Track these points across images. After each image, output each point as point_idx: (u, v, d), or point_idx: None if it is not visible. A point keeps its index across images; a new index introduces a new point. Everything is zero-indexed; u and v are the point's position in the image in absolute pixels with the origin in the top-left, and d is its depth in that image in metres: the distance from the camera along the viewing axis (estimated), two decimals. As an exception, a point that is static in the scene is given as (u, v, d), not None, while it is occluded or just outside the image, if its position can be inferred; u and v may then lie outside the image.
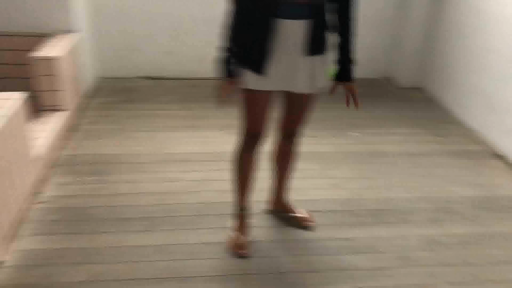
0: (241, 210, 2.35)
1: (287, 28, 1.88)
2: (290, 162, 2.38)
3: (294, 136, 2.27)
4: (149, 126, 3.44)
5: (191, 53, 4.28)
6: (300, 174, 2.82)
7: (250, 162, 2.22)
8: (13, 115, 2.29)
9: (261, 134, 2.14)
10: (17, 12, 3.43)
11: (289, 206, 2.54)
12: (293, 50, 1.92)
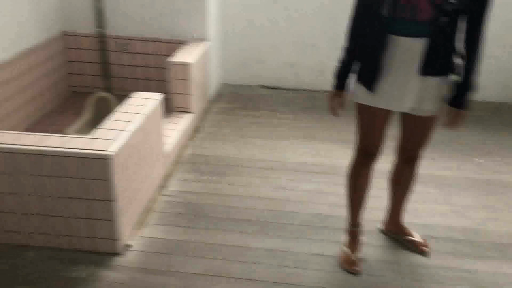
0: (353, 227, 2.34)
1: (404, 45, 1.82)
2: (408, 185, 2.31)
3: (413, 160, 2.20)
4: (266, 134, 3.55)
5: (312, 66, 4.33)
6: (417, 197, 2.72)
7: (363, 179, 2.21)
8: (152, 113, 2.52)
9: (374, 151, 2.12)
10: (161, 21, 3.77)
11: (404, 228, 2.46)
12: (408, 68, 1.85)
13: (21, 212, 2.19)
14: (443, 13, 1.75)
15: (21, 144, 2.07)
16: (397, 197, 2.38)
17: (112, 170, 2.06)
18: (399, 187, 2.33)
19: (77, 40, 3.90)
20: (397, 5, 1.78)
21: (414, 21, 1.78)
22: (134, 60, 3.92)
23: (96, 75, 4.00)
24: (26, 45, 3.38)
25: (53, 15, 3.72)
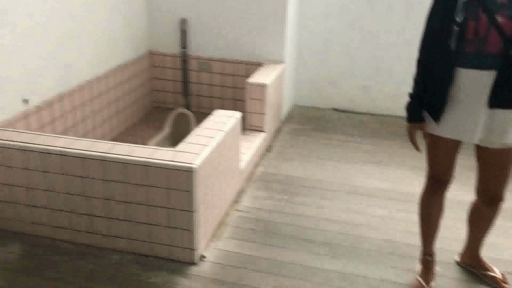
0: (426, 256, 2.29)
1: (472, 78, 1.84)
2: (488, 225, 2.23)
3: (495, 202, 2.11)
4: (337, 156, 3.56)
5: (386, 90, 4.31)
6: (499, 231, 2.62)
7: (434, 206, 2.19)
8: (231, 130, 2.63)
9: (444, 179, 2.11)
10: (241, 43, 3.93)
11: (482, 262, 2.36)
12: (475, 100, 1.85)
13: (108, 217, 2.36)
14: None
15: (113, 153, 2.25)
16: (476, 234, 2.30)
17: (195, 182, 2.17)
18: (478, 226, 2.26)
19: (162, 59, 4.15)
20: (464, 39, 1.80)
21: (482, 54, 1.80)
22: (212, 80, 4.10)
23: (177, 92, 4.22)
24: (117, 62, 3.66)
25: (141, 35, 4.00)
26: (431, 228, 2.23)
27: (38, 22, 2.75)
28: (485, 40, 1.78)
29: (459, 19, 1.80)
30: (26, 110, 2.73)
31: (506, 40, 1.74)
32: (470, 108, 1.88)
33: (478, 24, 1.77)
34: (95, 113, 3.41)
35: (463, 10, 1.79)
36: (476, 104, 1.86)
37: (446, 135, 1.98)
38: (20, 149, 2.32)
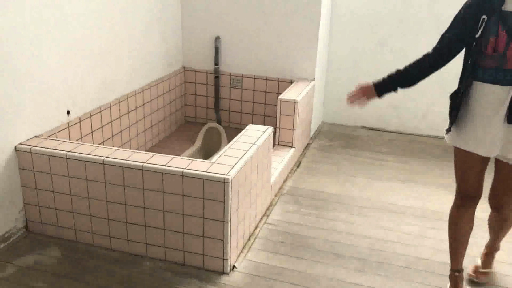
0: (454, 272, 2.29)
1: (491, 92, 1.90)
2: (501, 230, 2.30)
3: (501, 209, 2.19)
4: (366, 173, 3.59)
5: (415, 109, 4.32)
6: None
7: (462, 222, 2.20)
8: (263, 145, 2.70)
9: (472, 194, 2.13)
10: (272, 61, 4.03)
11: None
12: (495, 115, 1.91)
13: (143, 224, 2.45)
14: None
15: (151, 163, 2.34)
16: (492, 238, 2.39)
17: (229, 193, 2.24)
18: (493, 230, 2.37)
19: (195, 75, 4.28)
20: (482, 55, 1.88)
21: (501, 70, 1.85)
22: (243, 96, 4.20)
23: (209, 108, 4.34)
24: (153, 77, 3.80)
25: (176, 52, 4.15)
26: (459, 244, 2.24)
27: (80, 39, 2.91)
28: (504, 56, 1.84)
29: (478, 35, 1.88)
30: (68, 121, 2.86)
31: None
32: (489, 123, 1.93)
33: (498, 41, 1.84)
34: (131, 126, 3.54)
35: (483, 27, 1.86)
36: (495, 119, 1.92)
37: (468, 148, 2.03)
38: (63, 157, 2.44)
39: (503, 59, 1.84)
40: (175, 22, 4.07)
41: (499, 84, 1.87)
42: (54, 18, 2.66)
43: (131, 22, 3.40)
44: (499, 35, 1.84)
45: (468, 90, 1.97)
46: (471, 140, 2.00)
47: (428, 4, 4.02)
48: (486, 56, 1.88)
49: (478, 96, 1.94)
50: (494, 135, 1.94)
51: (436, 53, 2.07)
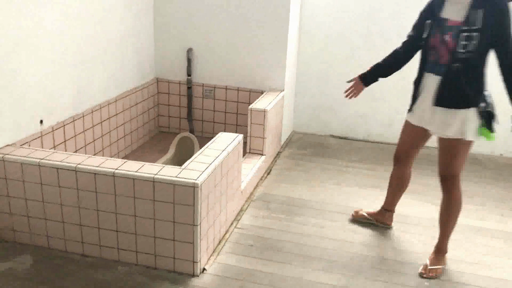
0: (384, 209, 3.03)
1: (430, 80, 2.44)
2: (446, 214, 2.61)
3: (445, 182, 2.55)
4: (335, 180, 3.72)
5: (381, 118, 4.50)
6: (487, 250, 2.76)
7: (391, 178, 2.92)
8: (233, 151, 2.80)
9: (398, 157, 2.80)
10: (244, 72, 4.15)
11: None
12: (431, 98, 2.43)
13: (115, 230, 2.50)
14: (456, 60, 2.30)
15: (123, 169, 2.41)
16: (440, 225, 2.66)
17: (198, 197, 2.33)
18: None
19: (168, 85, 4.36)
20: (428, 51, 2.44)
21: (437, 63, 2.39)
22: (216, 106, 4.30)
23: (182, 118, 4.42)
24: (126, 87, 3.86)
25: (149, 63, 4.23)
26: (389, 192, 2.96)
27: (55, 49, 2.96)
28: (439, 53, 2.38)
29: (425, 36, 2.45)
30: (41, 130, 2.90)
31: (450, 53, 2.31)
32: (427, 104, 2.47)
33: (435, 40, 2.38)
34: (104, 135, 3.59)
35: (427, 30, 2.43)
36: (429, 100, 2.45)
37: (413, 122, 2.61)
38: (36, 165, 2.48)
39: (439, 55, 2.37)
40: (148, 34, 4.15)
41: (435, 74, 2.41)
42: (28, 28, 2.71)
43: (105, 34, 3.47)
44: (436, 36, 2.38)
45: (421, 78, 2.50)
46: (416, 116, 2.57)
47: (392, 18, 4.21)
48: (430, 52, 2.43)
49: (425, 83, 2.48)
50: (429, 113, 2.47)
51: (403, 48, 2.67)
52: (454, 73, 2.32)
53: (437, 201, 3.33)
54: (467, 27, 2.24)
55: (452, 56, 2.30)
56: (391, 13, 4.21)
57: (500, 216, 3.23)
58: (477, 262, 2.72)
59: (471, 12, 2.24)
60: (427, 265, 2.60)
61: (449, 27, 2.31)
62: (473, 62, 2.29)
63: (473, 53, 2.27)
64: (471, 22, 2.24)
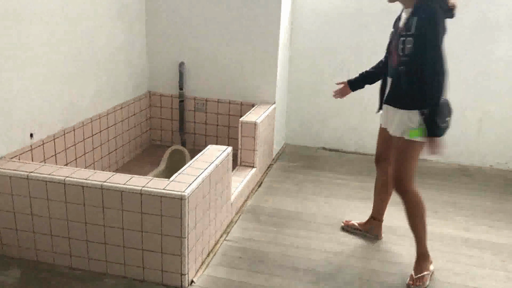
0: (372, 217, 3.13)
1: (388, 82, 2.66)
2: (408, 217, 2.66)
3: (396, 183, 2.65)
4: (325, 192, 3.74)
5: (373, 131, 4.52)
6: (472, 260, 2.76)
7: (375, 181, 3.05)
8: (222, 163, 2.82)
9: (377, 158, 2.97)
10: (235, 85, 4.19)
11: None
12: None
13: (103, 242, 2.51)
14: (400, 63, 2.50)
15: (111, 182, 2.43)
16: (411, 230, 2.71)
17: (186, 209, 2.34)
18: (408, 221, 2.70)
19: (160, 99, 4.40)
20: (387, 56, 2.72)
21: (391, 67, 2.61)
22: (208, 119, 4.33)
23: (174, 131, 4.45)
24: (118, 101, 3.89)
25: (141, 77, 4.27)
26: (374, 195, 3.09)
27: (45, 63, 3.00)
28: (392, 58, 2.61)
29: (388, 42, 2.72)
30: (31, 143, 2.92)
31: (397, 57, 2.53)
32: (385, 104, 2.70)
33: (392, 46, 2.63)
34: (95, 148, 3.61)
35: (390, 39, 2.70)
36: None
37: (380, 122, 2.85)
38: (25, 178, 2.50)
39: (392, 59, 2.62)
40: (140, 48, 4.20)
41: (390, 76, 2.64)
42: (19, 42, 2.75)
43: (97, 48, 3.51)
44: (392, 43, 2.64)
45: (385, 82, 2.73)
46: (381, 116, 2.82)
47: (381, 31, 4.27)
48: (389, 58, 2.67)
49: (386, 85, 2.71)
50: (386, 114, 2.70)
51: (385, 58, 2.82)
52: (399, 74, 2.53)
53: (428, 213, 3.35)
54: (404, 32, 2.47)
55: (398, 59, 2.52)
56: (379, 27, 4.26)
57: (488, 227, 3.25)
58: (465, 273, 2.73)
59: (409, 19, 2.46)
60: (412, 275, 2.62)
61: (398, 34, 2.55)
62: (412, 66, 2.44)
63: (411, 57, 2.44)
64: (407, 28, 2.46)
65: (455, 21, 4.25)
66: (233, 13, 4.05)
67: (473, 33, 4.10)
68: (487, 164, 4.36)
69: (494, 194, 3.78)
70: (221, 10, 4.07)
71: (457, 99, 4.26)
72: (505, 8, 4.00)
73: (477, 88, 4.22)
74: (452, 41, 4.10)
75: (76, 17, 3.24)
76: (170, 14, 4.18)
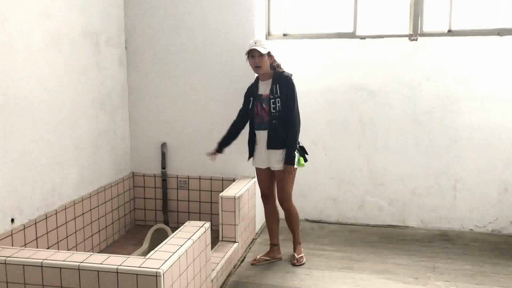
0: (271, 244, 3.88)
1: (260, 134, 3.60)
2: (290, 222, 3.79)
3: (282, 202, 3.71)
4: (307, 264, 3.75)
5: (352, 200, 4.63)
6: None
7: (266, 213, 3.85)
8: (199, 239, 2.88)
9: (266, 194, 3.79)
10: (216, 162, 4.31)
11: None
12: (263, 145, 3.59)
13: (81, 326, 2.49)
14: (273, 118, 3.49)
15: (88, 262, 2.46)
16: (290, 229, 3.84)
17: (162, 286, 2.36)
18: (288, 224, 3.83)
19: (143, 179, 4.51)
20: (254, 117, 3.61)
21: (263, 123, 3.55)
22: (190, 196, 4.42)
23: (157, 210, 4.51)
24: (101, 183, 4.00)
25: (124, 159, 4.41)
26: (269, 226, 3.85)
27: (27, 151, 3.13)
28: (262, 116, 3.56)
29: (250, 108, 3.63)
30: (11, 228, 2.98)
31: (270, 116, 3.51)
32: (262, 149, 3.60)
33: (258, 109, 3.57)
34: (77, 231, 3.65)
35: (252, 104, 3.61)
36: (263, 147, 3.58)
37: (256, 165, 3.70)
38: (2, 263, 2.52)
39: (262, 118, 3.56)
40: (123, 132, 4.38)
41: (263, 130, 3.57)
42: (1, 131, 2.90)
43: (79, 134, 3.67)
44: (257, 106, 3.58)
45: (254, 136, 3.65)
46: (257, 160, 3.68)
47: (352, 107, 4.52)
48: (256, 117, 3.60)
49: (257, 137, 3.62)
50: (264, 155, 3.61)
51: (239, 117, 3.77)
52: (274, 126, 3.49)
53: (409, 279, 3.39)
54: (272, 95, 3.49)
55: (270, 115, 3.50)
56: (351, 103, 4.52)
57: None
58: None
59: (272, 87, 3.51)
60: (295, 256, 3.73)
61: (263, 99, 3.55)
62: (282, 118, 3.49)
63: (281, 112, 3.49)
64: (274, 93, 3.49)
65: (424, 94, 4.54)
66: (213, 95, 4.29)
67: (439, 104, 4.35)
68: (467, 228, 4.43)
69: (474, 257, 3.81)
70: (201, 92, 4.32)
71: (431, 166, 4.45)
72: (465, 82, 4.29)
73: (449, 156, 4.40)
74: (419, 113, 4.37)
75: (59, 107, 3.43)
76: (152, 98, 4.41)
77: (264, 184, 3.74)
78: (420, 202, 4.49)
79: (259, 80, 3.64)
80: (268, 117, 3.51)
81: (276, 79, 3.51)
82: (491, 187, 4.35)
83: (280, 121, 3.48)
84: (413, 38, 4.30)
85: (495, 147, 4.30)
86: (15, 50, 3.00)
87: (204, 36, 4.25)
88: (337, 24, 4.53)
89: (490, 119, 4.28)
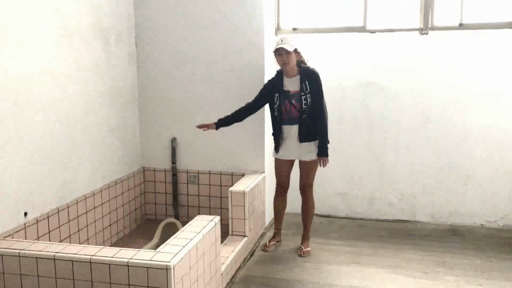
0: (275, 229, 4.07)
1: (289, 128, 3.71)
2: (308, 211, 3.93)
3: (305, 189, 3.87)
4: (316, 258, 3.76)
5: (361, 196, 4.63)
6: None
7: (276, 203, 4.01)
8: (209, 233, 2.90)
9: (285, 185, 3.93)
10: (226, 157, 4.37)
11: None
12: (293, 138, 3.72)
13: (93, 318, 2.53)
14: (303, 114, 3.62)
15: (100, 255, 2.50)
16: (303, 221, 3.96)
17: (172, 280, 2.39)
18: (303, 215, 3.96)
19: (154, 174, 4.54)
20: (281, 112, 3.70)
21: (291, 118, 3.67)
22: (200, 191, 4.45)
23: (168, 204, 4.55)
24: (112, 178, 4.04)
25: (135, 154, 4.45)
26: (276, 215, 4.04)
27: (40, 146, 3.18)
28: (291, 112, 3.67)
29: (277, 105, 3.70)
30: (24, 222, 3.03)
31: (299, 112, 3.64)
32: (290, 142, 3.73)
33: (287, 106, 3.67)
34: (89, 225, 3.70)
35: (278, 100, 3.69)
36: (293, 140, 3.72)
37: (283, 157, 3.80)
38: (16, 256, 2.57)
39: (291, 113, 3.68)
40: (134, 127, 4.42)
41: (292, 124, 3.69)
42: (14, 127, 2.94)
43: (91, 130, 3.71)
44: (285, 104, 3.68)
45: (280, 130, 3.74)
46: (283, 153, 3.79)
47: (360, 98, 4.50)
48: (284, 113, 3.70)
49: (286, 131, 3.74)
50: (294, 148, 3.73)
51: (253, 103, 3.81)
52: (305, 120, 3.63)
53: (418, 274, 3.38)
54: (303, 92, 3.60)
55: (301, 111, 3.62)
56: (360, 97, 4.51)
57: (478, 286, 3.24)
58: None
59: (302, 83, 3.61)
60: (302, 248, 3.82)
61: (292, 95, 3.65)
62: (311, 112, 3.63)
63: (311, 106, 3.62)
64: (304, 89, 3.61)
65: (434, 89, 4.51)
66: (223, 91, 4.31)
67: (449, 100, 4.32)
68: (477, 223, 4.41)
69: (484, 253, 3.79)
70: (210, 88, 4.33)
71: (442, 162, 4.42)
72: (476, 77, 4.25)
73: (460, 152, 4.36)
74: (430, 108, 4.34)
75: (70, 103, 3.47)
76: (162, 94, 4.44)
77: (283, 176, 3.88)
78: (430, 198, 4.47)
79: (284, 76, 3.68)
80: (298, 113, 3.63)
81: (305, 76, 3.61)
82: (502, 183, 4.32)
83: (310, 115, 3.62)
84: (424, 32, 4.27)
85: (506, 144, 4.27)
86: (27, 47, 3.04)
87: (213, 32, 4.26)
88: (347, 18, 4.51)
89: (502, 115, 4.24)
